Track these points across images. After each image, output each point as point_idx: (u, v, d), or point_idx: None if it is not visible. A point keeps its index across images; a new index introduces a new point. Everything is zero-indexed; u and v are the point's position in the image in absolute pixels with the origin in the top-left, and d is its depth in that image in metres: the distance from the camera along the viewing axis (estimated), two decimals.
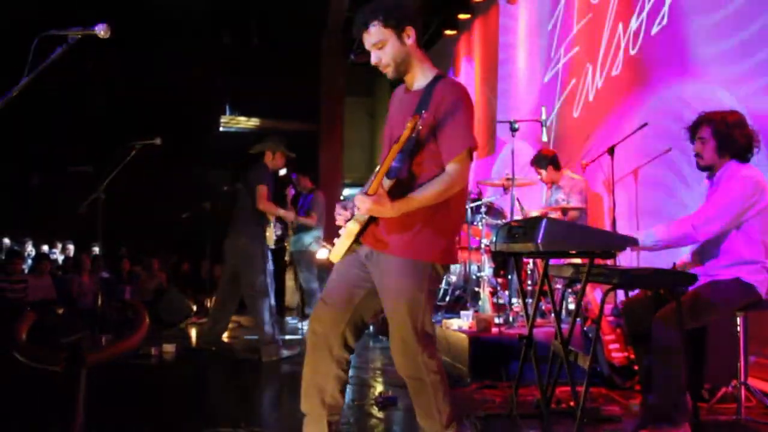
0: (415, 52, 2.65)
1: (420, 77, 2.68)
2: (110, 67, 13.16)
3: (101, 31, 2.39)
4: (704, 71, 4.89)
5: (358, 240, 2.61)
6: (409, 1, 2.65)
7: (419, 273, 2.54)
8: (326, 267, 5.69)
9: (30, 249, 13.36)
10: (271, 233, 5.59)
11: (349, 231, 2.56)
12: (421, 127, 2.44)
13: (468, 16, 10.24)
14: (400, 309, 2.54)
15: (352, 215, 2.60)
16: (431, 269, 2.57)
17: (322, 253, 7.07)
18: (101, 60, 11.82)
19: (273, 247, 5.67)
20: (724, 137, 3.29)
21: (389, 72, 2.65)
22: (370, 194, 2.41)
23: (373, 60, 2.65)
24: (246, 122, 15.04)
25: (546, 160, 5.76)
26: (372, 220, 2.57)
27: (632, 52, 5.86)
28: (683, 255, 3.63)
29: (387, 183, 2.47)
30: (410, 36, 2.61)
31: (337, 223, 2.64)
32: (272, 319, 5.44)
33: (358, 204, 2.45)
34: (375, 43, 2.60)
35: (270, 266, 5.52)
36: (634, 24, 5.83)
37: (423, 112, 2.44)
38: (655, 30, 5.52)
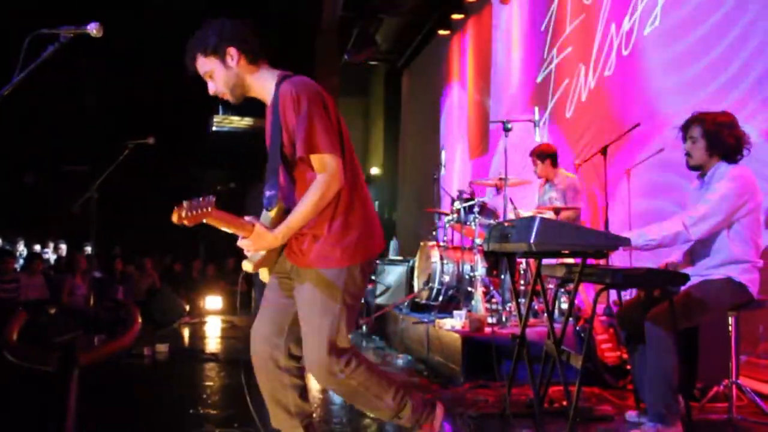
0: (247, 71, 2.53)
1: (264, 92, 2.57)
2: (103, 67, 13.12)
3: (93, 29, 2.38)
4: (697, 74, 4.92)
5: (276, 260, 2.57)
6: (227, 23, 2.52)
7: (332, 282, 2.48)
8: None
9: (21, 249, 13.32)
10: None
11: (248, 270, 2.52)
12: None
13: (461, 16, 10.25)
14: (312, 321, 2.48)
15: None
16: (345, 274, 2.50)
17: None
18: (94, 59, 11.78)
19: None
20: (714, 137, 3.30)
21: (227, 98, 2.57)
22: (244, 237, 2.37)
23: (210, 90, 2.57)
24: (239, 122, 15.02)
25: (546, 155, 5.76)
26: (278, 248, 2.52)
27: (625, 53, 5.88)
28: (672, 255, 3.65)
29: (270, 215, 2.45)
30: (233, 57, 2.49)
31: (243, 268, 2.60)
32: None
33: (244, 249, 2.43)
34: (204, 73, 2.53)
35: None
36: (626, 24, 5.85)
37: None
38: (647, 30, 5.54)
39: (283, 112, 2.43)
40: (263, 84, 2.55)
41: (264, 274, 2.62)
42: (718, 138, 3.30)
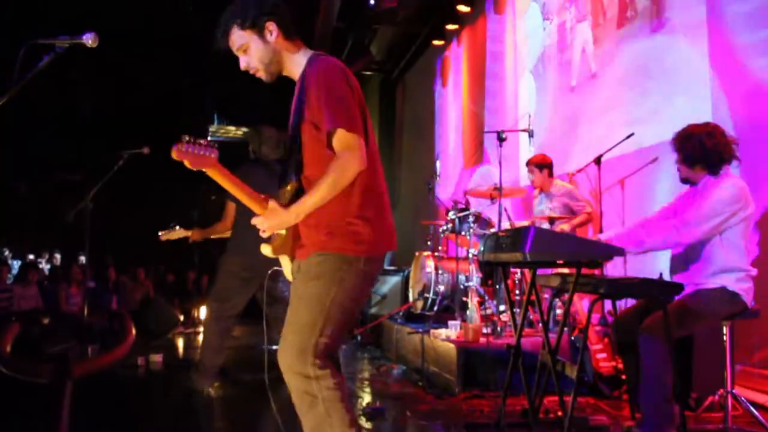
0: (283, 47, 2.45)
1: (296, 70, 2.47)
2: (98, 76, 13.12)
3: (89, 40, 2.39)
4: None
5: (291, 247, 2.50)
6: None
7: (329, 272, 2.32)
8: None
9: (11, 261, 13.26)
10: None
11: (266, 254, 2.47)
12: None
13: (455, 26, 10.29)
14: (297, 313, 2.33)
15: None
16: (345, 266, 2.33)
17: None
18: (89, 69, 11.79)
19: None
20: (685, 150, 3.41)
21: (262, 76, 2.48)
22: (259, 215, 2.32)
23: (242, 65, 2.48)
24: (235, 131, 15.01)
25: (543, 165, 5.77)
26: (294, 233, 2.44)
27: (620, 60, 5.91)
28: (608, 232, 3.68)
29: (287, 191, 2.40)
30: (272, 32, 2.41)
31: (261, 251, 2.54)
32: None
33: (258, 227, 2.36)
34: (238, 48, 2.43)
35: None
36: (621, 32, 5.89)
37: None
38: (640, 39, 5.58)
39: (307, 88, 2.36)
40: (298, 61, 2.46)
41: (286, 264, 2.54)
42: (688, 149, 3.39)
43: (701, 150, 3.36)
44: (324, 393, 2.27)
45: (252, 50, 2.42)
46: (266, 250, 2.44)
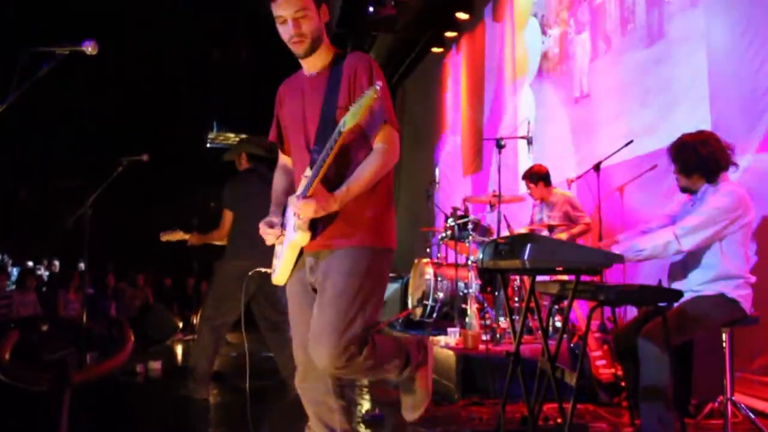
0: (325, 33, 2.52)
1: (324, 59, 2.53)
2: (99, 84, 13.15)
3: (89, 47, 2.39)
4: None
5: (301, 253, 2.49)
6: None
7: (366, 261, 2.38)
8: None
9: (10, 268, 13.25)
10: None
11: (293, 244, 2.42)
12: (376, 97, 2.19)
13: (454, 34, 10.32)
14: (337, 306, 2.33)
15: (282, 230, 2.48)
16: (374, 257, 2.41)
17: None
18: (89, 76, 11.81)
19: None
20: (680, 158, 3.42)
21: (303, 46, 2.46)
22: (309, 196, 2.28)
23: (290, 29, 2.43)
24: (234, 138, 15.02)
25: (538, 176, 5.78)
26: (313, 225, 2.40)
27: (616, 68, 5.92)
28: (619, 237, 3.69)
29: (309, 177, 2.36)
30: (325, 15, 2.49)
31: (268, 243, 2.52)
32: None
33: (298, 211, 2.31)
34: (297, 10, 2.40)
35: None
36: (618, 39, 5.90)
37: (377, 83, 2.22)
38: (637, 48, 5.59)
39: (351, 78, 2.41)
40: (327, 53, 2.53)
41: (286, 264, 2.50)
42: (683, 158, 3.40)
43: (697, 158, 3.36)
44: (370, 359, 2.37)
45: (309, 18, 2.43)
46: (304, 238, 2.37)
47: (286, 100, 2.64)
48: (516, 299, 5.42)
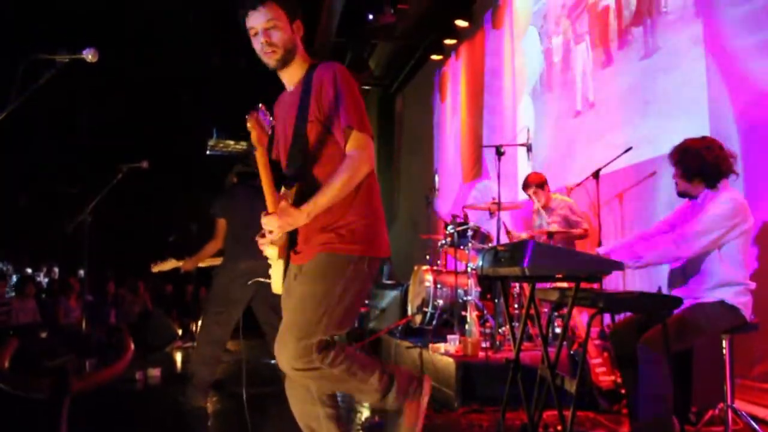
0: (299, 48, 2.54)
1: (300, 73, 2.55)
2: (99, 91, 13.16)
3: (89, 55, 2.40)
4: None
5: (288, 262, 2.51)
6: None
7: (336, 271, 2.39)
8: None
9: (12, 274, 13.24)
10: None
11: (271, 257, 2.46)
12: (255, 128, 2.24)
13: (454, 41, 10.34)
14: (303, 311, 2.37)
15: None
16: (352, 265, 2.41)
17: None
18: (89, 83, 11.83)
19: None
20: (682, 163, 3.42)
21: (275, 57, 2.48)
22: (270, 213, 2.30)
23: (259, 42, 2.46)
24: (234, 146, 15.01)
25: (543, 182, 5.78)
26: (291, 237, 2.45)
27: (615, 78, 5.93)
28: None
29: (291, 192, 2.39)
30: (299, 29, 2.52)
31: (264, 253, 2.53)
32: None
33: (266, 227, 2.35)
34: (268, 20, 2.43)
35: None
36: (616, 50, 5.91)
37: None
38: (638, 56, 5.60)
39: (318, 89, 2.43)
40: (300, 67, 2.55)
41: (277, 273, 2.51)
42: (686, 162, 3.40)
43: (700, 163, 3.36)
44: (338, 367, 2.36)
45: (280, 30, 2.46)
46: (272, 252, 2.43)
47: (277, 118, 2.66)
48: (516, 306, 5.42)
